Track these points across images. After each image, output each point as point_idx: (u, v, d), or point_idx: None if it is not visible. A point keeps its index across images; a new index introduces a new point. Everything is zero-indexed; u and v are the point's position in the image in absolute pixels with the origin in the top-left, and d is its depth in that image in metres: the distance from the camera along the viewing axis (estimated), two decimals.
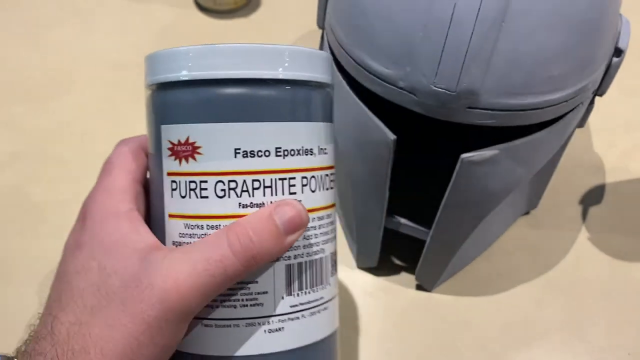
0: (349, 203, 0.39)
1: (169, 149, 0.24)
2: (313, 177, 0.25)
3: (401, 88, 0.31)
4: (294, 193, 0.24)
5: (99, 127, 0.50)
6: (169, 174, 0.24)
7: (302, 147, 0.24)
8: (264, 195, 0.24)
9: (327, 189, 0.26)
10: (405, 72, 0.31)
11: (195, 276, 0.22)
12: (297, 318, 0.25)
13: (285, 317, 0.24)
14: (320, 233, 0.26)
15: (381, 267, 0.43)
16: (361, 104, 0.34)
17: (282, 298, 0.24)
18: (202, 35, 0.57)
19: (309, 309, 0.25)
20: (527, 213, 0.46)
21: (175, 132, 0.24)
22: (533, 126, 0.34)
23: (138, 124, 0.29)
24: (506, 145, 0.33)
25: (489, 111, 0.31)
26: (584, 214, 0.46)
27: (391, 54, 0.31)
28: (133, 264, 0.23)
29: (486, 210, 0.36)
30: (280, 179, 0.24)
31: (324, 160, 0.26)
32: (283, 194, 0.24)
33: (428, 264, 0.40)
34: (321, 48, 0.41)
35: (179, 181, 0.24)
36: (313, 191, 0.25)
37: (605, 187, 0.47)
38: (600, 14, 0.30)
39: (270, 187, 0.24)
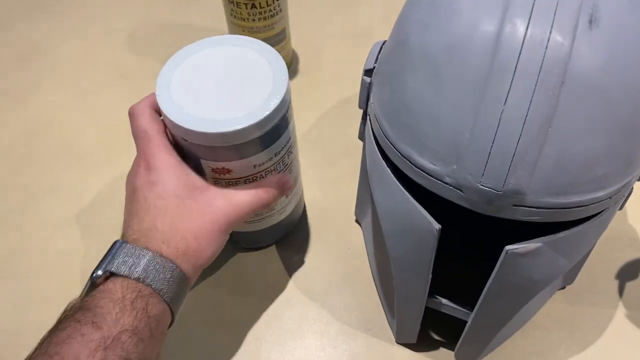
0: (391, 283, 0.40)
1: (212, 170, 0.39)
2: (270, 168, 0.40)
3: (447, 183, 0.33)
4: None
5: None
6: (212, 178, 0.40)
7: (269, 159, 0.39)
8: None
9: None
10: (452, 170, 0.32)
11: (248, 202, 0.37)
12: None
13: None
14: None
15: (420, 342, 0.44)
16: (406, 193, 0.36)
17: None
18: None
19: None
20: (563, 287, 0.46)
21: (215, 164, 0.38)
22: (577, 219, 0.34)
23: None
24: (550, 237, 0.34)
25: (534, 209, 0.32)
26: (621, 289, 0.46)
27: (438, 152, 0.32)
28: (202, 192, 0.36)
29: (527, 297, 0.36)
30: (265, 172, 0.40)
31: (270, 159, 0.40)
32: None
33: (468, 344, 0.41)
34: (363, 128, 0.43)
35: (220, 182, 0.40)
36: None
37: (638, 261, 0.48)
38: None
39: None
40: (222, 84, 0.38)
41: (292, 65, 0.62)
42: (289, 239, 0.50)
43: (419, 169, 0.34)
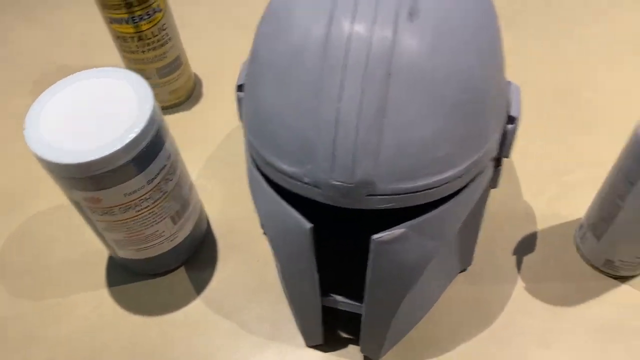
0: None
1: (84, 200, 0.39)
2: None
3: (307, 183, 0.34)
4: None
5: None
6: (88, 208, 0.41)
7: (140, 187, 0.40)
8: None
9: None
10: (308, 170, 0.33)
11: None
12: None
13: None
14: None
15: (329, 342, 0.45)
16: (278, 197, 0.37)
17: None
18: None
19: None
20: (464, 270, 0.48)
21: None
22: (437, 201, 0.36)
23: None
24: (412, 222, 0.35)
25: (387, 196, 0.33)
26: (519, 264, 0.48)
27: (293, 154, 0.34)
28: None
29: (408, 283, 0.37)
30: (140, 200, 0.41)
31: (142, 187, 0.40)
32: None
33: (368, 337, 0.42)
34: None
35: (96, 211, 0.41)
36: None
37: (537, 235, 0.50)
38: (477, 95, 0.33)
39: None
40: (87, 116, 0.39)
41: (196, 89, 0.64)
42: (196, 258, 0.50)
43: (281, 173, 0.35)
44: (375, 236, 0.35)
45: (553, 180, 0.53)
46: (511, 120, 0.38)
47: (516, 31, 0.67)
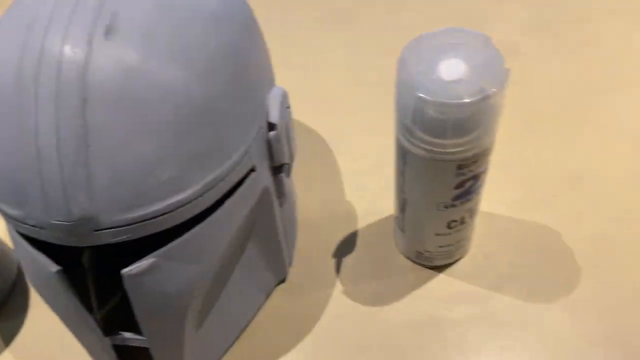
0: None
1: None
2: None
3: (33, 225, 0.31)
4: None
5: None
6: None
7: None
8: None
9: None
10: (27, 212, 0.31)
11: None
12: None
13: None
14: None
15: None
16: (23, 240, 0.34)
17: None
18: None
19: None
20: (282, 282, 0.46)
21: None
22: (190, 222, 0.34)
23: None
24: (162, 250, 0.33)
25: (117, 229, 0.31)
26: (338, 267, 0.47)
27: (11, 197, 0.31)
28: None
29: (180, 312, 0.35)
30: None
31: None
32: None
33: None
34: None
35: None
36: None
37: (357, 234, 0.48)
38: (198, 112, 0.31)
39: None
40: None
41: None
42: (4, 309, 0.47)
43: (8, 216, 0.32)
44: (124, 270, 0.33)
45: (375, 174, 0.52)
46: (271, 127, 0.37)
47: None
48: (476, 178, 0.36)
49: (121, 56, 0.29)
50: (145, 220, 0.31)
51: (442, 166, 0.34)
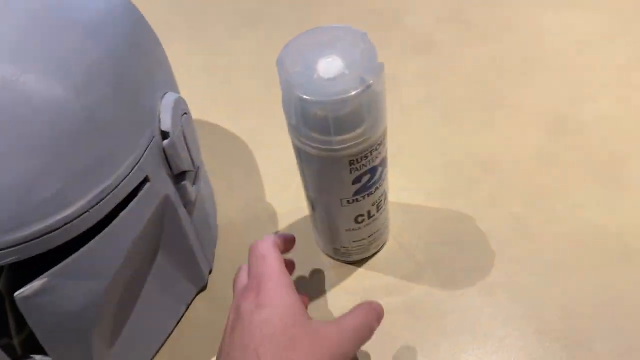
0: None
1: None
2: None
3: None
4: None
5: None
6: None
7: None
8: None
9: None
10: None
11: (352, 337, 0.34)
12: None
13: None
14: None
15: None
16: None
17: None
18: None
19: None
20: (203, 289, 0.46)
21: None
22: (82, 238, 0.33)
23: None
24: (53, 270, 0.32)
25: (2, 251, 0.30)
26: None
27: None
28: (309, 320, 0.34)
29: (84, 330, 0.35)
30: None
31: None
32: None
33: None
34: None
35: None
36: None
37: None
38: (79, 124, 0.30)
39: None
40: None
41: None
42: None
43: None
44: (16, 293, 0.32)
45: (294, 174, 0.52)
46: (165, 135, 0.36)
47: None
48: (373, 171, 0.36)
49: None
50: (29, 240, 0.30)
51: (335, 163, 0.35)
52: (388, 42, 0.62)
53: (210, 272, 0.46)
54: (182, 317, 0.44)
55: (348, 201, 0.38)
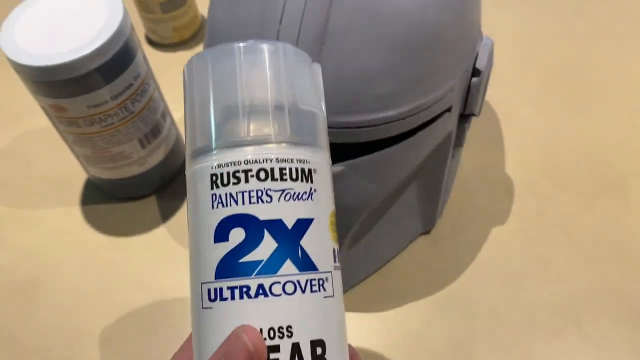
0: None
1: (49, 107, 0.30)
2: None
3: None
4: None
5: None
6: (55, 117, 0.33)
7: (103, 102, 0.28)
8: None
9: None
10: None
11: None
12: None
13: None
14: None
15: None
16: None
17: None
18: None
19: None
20: (427, 232, 0.47)
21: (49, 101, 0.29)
22: (382, 143, 0.35)
23: None
24: (351, 162, 0.34)
25: (330, 129, 0.32)
26: (486, 234, 0.46)
27: None
28: None
29: (347, 225, 0.37)
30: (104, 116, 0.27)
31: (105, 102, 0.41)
32: None
33: None
34: None
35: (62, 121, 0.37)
36: None
37: (511, 209, 0.48)
38: (428, 37, 0.32)
39: None
40: (59, 26, 0.40)
41: (201, 31, 0.64)
42: (168, 188, 0.51)
43: None
44: None
45: (541, 155, 0.51)
46: (476, 72, 0.37)
47: (532, 6, 0.64)
48: None
49: None
50: (354, 127, 0.33)
51: None
52: None
53: (439, 217, 0.47)
54: (401, 251, 0.46)
55: None
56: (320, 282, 0.22)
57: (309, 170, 0.22)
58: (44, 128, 0.57)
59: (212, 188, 0.22)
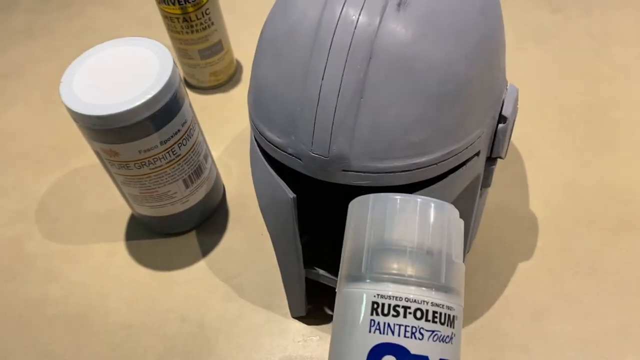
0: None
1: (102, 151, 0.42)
2: None
3: (290, 154, 0.37)
4: None
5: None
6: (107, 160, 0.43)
7: (154, 147, 0.32)
8: None
9: None
10: (292, 141, 0.36)
11: None
12: None
13: None
14: None
15: (314, 315, 0.47)
16: (268, 166, 0.40)
17: None
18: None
19: None
20: None
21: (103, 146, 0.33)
22: (417, 186, 0.38)
23: None
24: None
25: (361, 173, 0.35)
26: (512, 269, 0.48)
27: (281, 126, 0.36)
28: None
29: None
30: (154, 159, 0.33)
31: (155, 147, 0.45)
32: None
33: None
34: None
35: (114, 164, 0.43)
36: None
37: (536, 244, 0.50)
38: (458, 88, 0.34)
39: None
40: (114, 77, 0.43)
41: (236, 75, 0.68)
42: (208, 224, 0.54)
43: (270, 142, 0.38)
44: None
45: (563, 192, 0.53)
46: (502, 119, 0.39)
47: (548, 46, 0.66)
48: None
49: (406, 26, 0.33)
50: (388, 172, 0.35)
51: None
52: None
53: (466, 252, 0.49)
54: None
55: None
56: None
57: (453, 317, 0.25)
58: (91, 166, 0.61)
59: (372, 314, 0.25)
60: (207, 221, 0.54)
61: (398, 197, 0.27)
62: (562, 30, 0.68)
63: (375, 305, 0.25)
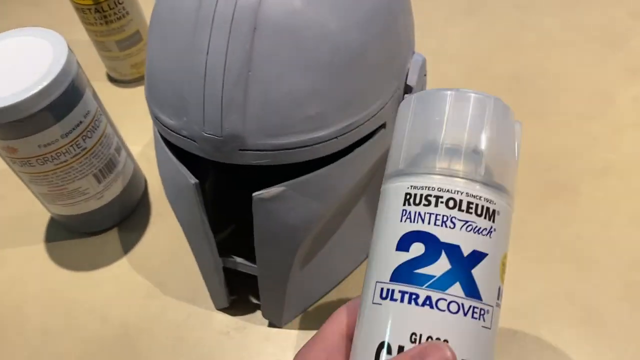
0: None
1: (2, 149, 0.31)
2: None
3: (184, 136, 0.35)
4: None
5: None
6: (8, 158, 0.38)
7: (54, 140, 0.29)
8: None
9: None
10: (184, 122, 0.34)
11: None
12: None
13: None
14: None
15: (237, 306, 0.45)
16: (169, 152, 0.38)
17: None
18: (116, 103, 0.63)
19: None
20: None
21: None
22: (320, 162, 0.36)
23: None
24: (292, 181, 0.35)
25: (258, 152, 0.34)
26: None
27: (172, 108, 0.35)
28: None
29: (294, 244, 0.38)
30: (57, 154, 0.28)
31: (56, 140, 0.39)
32: None
33: (266, 301, 0.42)
34: None
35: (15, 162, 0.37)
36: None
37: None
38: (352, 58, 0.33)
39: None
40: (6, 69, 0.41)
41: None
42: (129, 220, 0.52)
43: (165, 126, 0.36)
44: (255, 193, 0.35)
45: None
46: (408, 89, 0.38)
47: (479, 16, 0.66)
48: None
49: None
50: (287, 149, 0.34)
51: None
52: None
53: None
54: (358, 266, 0.47)
55: None
56: (482, 312, 0.23)
57: (493, 211, 0.24)
58: (4, 169, 0.58)
59: (404, 204, 0.24)
60: (129, 217, 0.52)
61: (432, 91, 0.27)
62: (489, 2, 0.67)
63: (408, 196, 0.25)
